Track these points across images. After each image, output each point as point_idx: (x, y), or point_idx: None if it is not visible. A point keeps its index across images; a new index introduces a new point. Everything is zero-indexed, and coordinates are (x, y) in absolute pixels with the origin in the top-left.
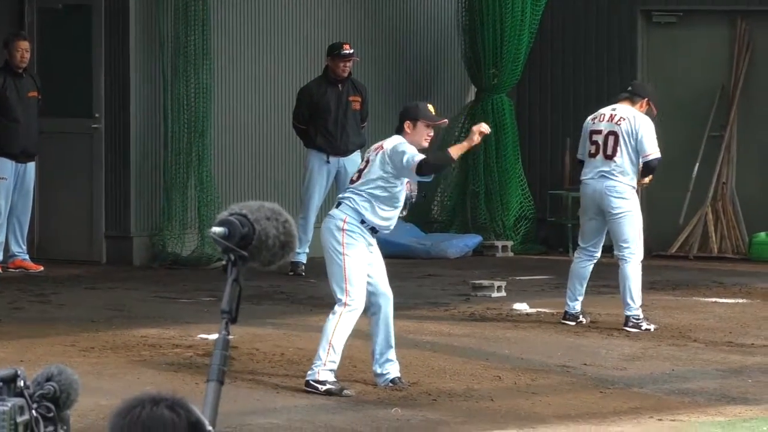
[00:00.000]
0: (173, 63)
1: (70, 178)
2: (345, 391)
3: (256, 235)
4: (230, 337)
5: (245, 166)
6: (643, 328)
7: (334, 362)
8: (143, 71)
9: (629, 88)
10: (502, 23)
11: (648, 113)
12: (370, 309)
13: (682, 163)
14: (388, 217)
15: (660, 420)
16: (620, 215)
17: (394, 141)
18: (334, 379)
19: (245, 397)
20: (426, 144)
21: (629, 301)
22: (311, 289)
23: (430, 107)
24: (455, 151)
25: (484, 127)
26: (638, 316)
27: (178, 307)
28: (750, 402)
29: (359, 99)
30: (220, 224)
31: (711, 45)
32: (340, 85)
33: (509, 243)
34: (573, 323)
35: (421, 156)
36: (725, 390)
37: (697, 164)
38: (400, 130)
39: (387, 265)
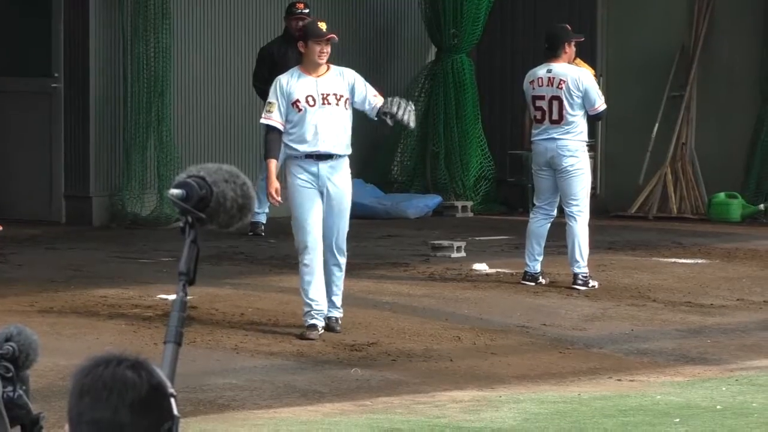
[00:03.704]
0: (133, 23)
1: (29, 138)
2: (310, 334)
3: (213, 198)
4: (188, 298)
5: (205, 126)
6: (590, 285)
7: (306, 305)
8: (103, 31)
9: (546, 46)
10: None
11: (572, 54)
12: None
13: (641, 124)
14: (296, 140)
15: (619, 380)
16: (572, 173)
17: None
18: (308, 323)
19: (204, 357)
20: (321, 60)
21: (578, 258)
22: (271, 249)
23: (321, 25)
24: (269, 163)
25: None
26: (586, 273)
27: (138, 267)
28: (709, 362)
29: None
30: (177, 186)
31: (671, 4)
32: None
33: (469, 203)
34: (532, 284)
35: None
36: (684, 350)
37: (657, 124)
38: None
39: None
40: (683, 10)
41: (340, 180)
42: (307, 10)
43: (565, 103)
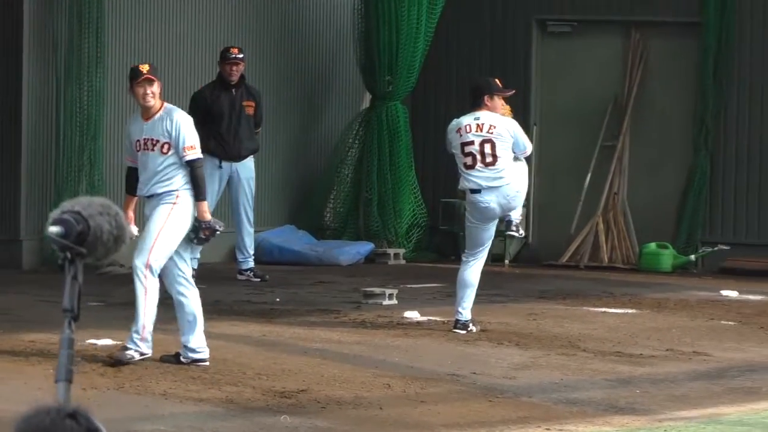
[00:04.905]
0: (67, 66)
1: None
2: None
3: (91, 231)
4: (73, 336)
5: None
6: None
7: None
8: (36, 73)
9: (472, 101)
10: (397, 30)
11: (494, 106)
12: None
13: (574, 173)
14: None
15: (548, 429)
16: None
17: None
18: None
19: (133, 403)
20: (147, 102)
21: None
22: (201, 294)
23: (142, 67)
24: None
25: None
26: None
27: None
28: (638, 412)
29: (253, 104)
30: (55, 223)
31: (605, 55)
32: (233, 90)
33: (401, 251)
34: (463, 331)
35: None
36: (613, 400)
37: (589, 174)
38: None
39: (279, 271)
40: (617, 61)
41: (154, 211)
42: (241, 55)
43: (498, 143)
